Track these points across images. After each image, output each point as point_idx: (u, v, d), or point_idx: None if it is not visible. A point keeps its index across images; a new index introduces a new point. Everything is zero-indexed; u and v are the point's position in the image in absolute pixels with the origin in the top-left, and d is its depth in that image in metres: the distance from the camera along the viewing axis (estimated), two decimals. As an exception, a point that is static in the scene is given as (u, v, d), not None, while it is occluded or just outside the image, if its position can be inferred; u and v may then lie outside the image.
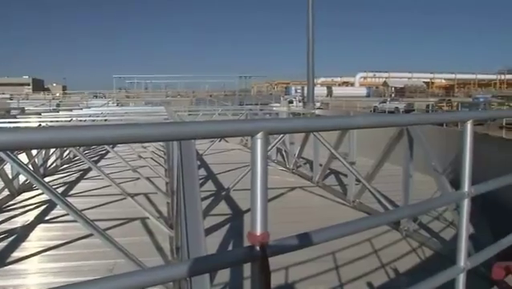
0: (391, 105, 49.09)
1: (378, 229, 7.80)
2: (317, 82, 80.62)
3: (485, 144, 14.25)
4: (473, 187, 2.61)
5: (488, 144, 13.93)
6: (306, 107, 18.89)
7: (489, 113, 13.02)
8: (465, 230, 2.61)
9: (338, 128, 1.76)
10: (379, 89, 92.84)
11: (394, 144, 9.11)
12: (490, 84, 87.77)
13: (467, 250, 2.61)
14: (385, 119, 2.37)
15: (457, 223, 2.64)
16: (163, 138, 1.39)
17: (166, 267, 1.49)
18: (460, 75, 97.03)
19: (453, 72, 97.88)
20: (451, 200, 2.69)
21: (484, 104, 40.64)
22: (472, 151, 2.64)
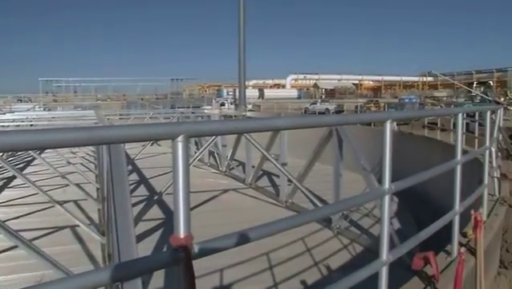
0: (321, 106, 50.10)
1: (310, 228, 7.97)
2: (248, 84, 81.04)
3: (410, 142, 14.95)
4: (393, 184, 2.71)
5: (413, 142, 14.59)
6: (238, 109, 18.96)
7: (407, 113, 13.58)
8: (386, 225, 2.71)
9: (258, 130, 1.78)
10: (310, 91, 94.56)
11: (324, 144, 9.32)
12: (414, 86, 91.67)
13: (389, 244, 2.72)
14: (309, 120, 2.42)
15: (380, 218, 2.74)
16: (79, 143, 1.34)
17: (88, 273, 1.45)
18: (386, 77, 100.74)
19: (381, 74, 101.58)
20: (373, 196, 2.79)
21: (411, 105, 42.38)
22: (391, 149, 2.74)
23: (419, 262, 3.45)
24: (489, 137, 5.86)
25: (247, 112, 17.78)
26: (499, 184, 6.76)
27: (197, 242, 1.60)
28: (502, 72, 74.05)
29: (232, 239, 1.76)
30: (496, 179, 6.61)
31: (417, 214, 9.34)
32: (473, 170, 5.96)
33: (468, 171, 5.70)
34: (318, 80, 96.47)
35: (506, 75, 72.37)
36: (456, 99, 46.49)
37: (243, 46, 18.63)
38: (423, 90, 78.87)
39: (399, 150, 11.78)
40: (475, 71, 77.65)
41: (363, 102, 51.17)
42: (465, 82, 56.54)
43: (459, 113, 3.96)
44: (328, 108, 47.86)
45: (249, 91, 53.93)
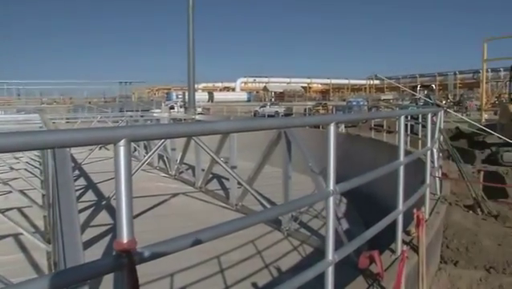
0: (271, 109, 50.41)
1: (261, 230, 8.01)
2: (198, 87, 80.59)
3: (358, 144, 15.29)
4: (337, 185, 2.77)
5: (361, 144, 14.94)
6: (188, 112, 18.81)
7: (350, 116, 13.87)
8: (331, 226, 2.76)
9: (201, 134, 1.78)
10: (260, 94, 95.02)
11: (273, 146, 9.39)
12: (361, 89, 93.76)
13: (334, 244, 2.77)
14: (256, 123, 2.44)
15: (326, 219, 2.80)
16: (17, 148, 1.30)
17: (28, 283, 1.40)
18: (335, 80, 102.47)
19: (329, 77, 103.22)
20: (318, 198, 2.84)
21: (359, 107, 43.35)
22: (335, 151, 2.79)
23: (365, 260, 3.54)
24: (431, 139, 6.08)
25: (197, 115, 17.67)
26: (440, 183, 7.01)
27: (141, 247, 1.58)
28: (444, 76, 76.84)
29: (177, 243, 1.74)
30: (437, 179, 6.86)
31: (365, 214, 9.55)
32: (418, 170, 6.16)
33: (413, 171, 5.90)
34: (268, 83, 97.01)
35: (447, 79, 75.13)
36: (401, 101, 47.88)
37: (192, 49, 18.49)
38: (370, 93, 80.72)
39: (347, 152, 12.08)
40: (419, 74, 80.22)
41: (311, 105, 51.88)
42: (409, 85, 58.29)
43: (401, 116, 4.09)
44: (278, 111, 48.23)
45: (198, 94, 53.63)
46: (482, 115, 28.41)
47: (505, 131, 13.18)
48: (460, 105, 49.34)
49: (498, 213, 7.92)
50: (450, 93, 68.54)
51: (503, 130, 13.32)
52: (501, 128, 13.58)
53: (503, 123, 13.91)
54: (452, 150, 8.79)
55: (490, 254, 5.85)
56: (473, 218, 7.32)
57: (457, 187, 9.22)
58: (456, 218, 6.61)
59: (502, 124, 13.93)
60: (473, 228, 6.54)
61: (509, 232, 6.92)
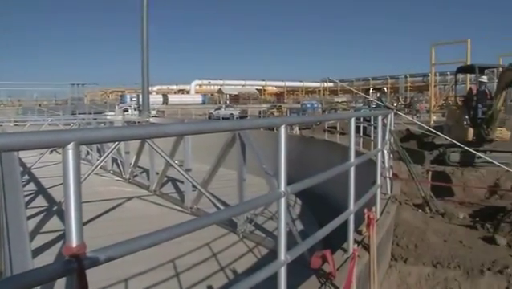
0: (226, 112, 50.50)
1: (217, 233, 8.01)
2: (152, 90, 79.67)
3: (312, 145, 15.51)
4: (289, 186, 2.81)
5: (315, 146, 15.15)
6: (142, 115, 18.61)
7: (300, 118, 14.11)
8: (283, 227, 2.80)
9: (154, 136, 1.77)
10: (215, 96, 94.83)
11: (228, 149, 9.42)
12: (315, 91, 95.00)
13: (286, 245, 2.81)
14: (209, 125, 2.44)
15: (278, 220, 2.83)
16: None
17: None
18: (289, 83, 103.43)
19: (284, 80, 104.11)
20: (270, 199, 2.87)
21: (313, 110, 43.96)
22: (286, 153, 2.83)
23: (317, 260, 3.59)
24: (381, 140, 6.24)
25: (151, 118, 17.50)
26: (391, 183, 7.21)
27: (90, 251, 1.56)
28: (395, 79, 78.82)
29: (128, 246, 1.73)
30: (388, 179, 7.05)
31: (320, 215, 9.69)
32: (371, 171, 6.30)
33: (365, 172, 6.04)
34: (223, 86, 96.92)
35: (398, 82, 77.10)
36: (355, 104, 48.88)
37: (146, 51, 18.32)
38: (324, 95, 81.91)
39: (302, 154, 12.21)
40: (372, 77, 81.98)
41: (266, 107, 52.24)
42: (362, 88, 59.46)
43: (352, 118, 4.18)
44: (232, 114, 48.31)
45: (153, 97, 53.10)
46: (431, 117, 29.33)
47: (451, 132, 13.65)
48: (410, 107, 50.77)
49: (445, 210, 8.22)
50: (401, 96, 70.39)
51: (450, 131, 13.79)
52: (448, 130, 14.06)
53: (450, 124, 14.40)
54: (402, 151, 9.04)
55: (437, 250, 6.07)
56: (422, 217, 7.55)
57: (407, 187, 9.49)
58: (405, 217, 6.81)
59: (449, 125, 14.42)
60: (421, 226, 6.75)
61: (455, 229, 7.20)
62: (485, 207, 9.13)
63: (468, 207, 9.27)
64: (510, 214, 7.37)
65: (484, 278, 5.50)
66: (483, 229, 7.34)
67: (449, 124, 14.50)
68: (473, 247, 6.42)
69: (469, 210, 8.90)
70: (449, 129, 14.01)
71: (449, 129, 14.05)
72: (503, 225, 7.13)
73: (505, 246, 6.46)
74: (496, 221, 7.43)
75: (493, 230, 7.13)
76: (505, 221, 7.25)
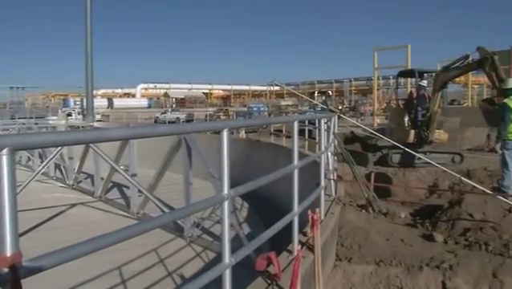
0: (172, 116, 50.00)
1: (163, 239, 7.92)
2: (97, 93, 77.96)
3: (259, 148, 15.61)
4: (232, 189, 2.83)
5: (262, 149, 15.25)
6: (86, 119, 18.15)
7: (242, 122, 14.17)
8: (227, 229, 2.82)
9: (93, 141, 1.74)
10: (161, 100, 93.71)
11: (174, 153, 9.34)
12: (262, 95, 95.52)
13: (231, 247, 2.83)
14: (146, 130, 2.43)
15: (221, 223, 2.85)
16: None
17: None
18: (236, 86, 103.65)
19: (230, 83, 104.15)
20: (213, 203, 2.88)
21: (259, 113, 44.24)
22: (229, 157, 2.86)
23: (262, 262, 3.63)
24: (325, 143, 6.38)
25: (95, 123, 17.09)
26: (336, 185, 7.36)
27: (27, 260, 1.53)
28: (340, 83, 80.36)
29: (67, 253, 1.69)
30: (332, 181, 7.20)
31: (268, 217, 9.77)
32: (316, 173, 6.41)
33: (311, 174, 6.16)
34: (169, 89, 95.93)
35: (343, 85, 78.68)
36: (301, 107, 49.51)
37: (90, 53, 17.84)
38: (270, 98, 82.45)
39: (248, 157, 12.25)
40: (317, 81, 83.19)
41: (213, 111, 52.15)
42: (308, 91, 60.25)
43: (295, 121, 4.26)
44: (179, 117, 47.89)
45: (97, 101, 51.92)
46: (375, 119, 30.17)
47: (394, 134, 14.07)
48: (355, 110, 51.98)
49: (387, 210, 8.49)
50: (346, 99, 71.93)
51: (392, 133, 14.22)
52: (391, 132, 14.49)
53: (392, 127, 14.84)
54: (345, 153, 9.26)
55: (380, 249, 6.26)
56: (366, 217, 7.77)
57: (351, 188, 9.74)
58: (350, 218, 6.99)
59: (391, 127, 14.86)
60: (365, 226, 6.94)
61: (397, 228, 7.45)
62: (424, 206, 9.49)
63: (409, 206, 9.61)
64: (447, 212, 7.69)
65: (423, 273, 5.73)
66: (422, 227, 7.64)
67: (391, 127, 14.94)
68: (413, 245, 6.67)
69: (410, 209, 9.23)
70: (392, 131, 14.44)
71: (391, 131, 14.47)
72: (440, 222, 7.45)
73: (442, 243, 6.75)
74: (434, 219, 7.74)
75: (432, 228, 7.43)
76: (442, 219, 7.56)
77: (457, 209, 7.64)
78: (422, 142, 13.73)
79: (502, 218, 7.26)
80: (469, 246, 6.57)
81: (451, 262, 5.87)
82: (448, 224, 7.38)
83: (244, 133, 19.21)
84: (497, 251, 6.27)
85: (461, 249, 6.52)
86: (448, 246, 6.69)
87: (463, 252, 6.36)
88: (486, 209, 7.52)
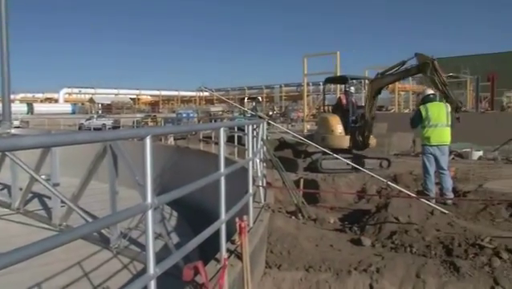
0: (98, 122, 48.78)
1: (88, 251, 7.73)
2: (15, 98, 74.63)
3: (187, 155, 15.53)
4: (157, 198, 2.82)
5: (191, 156, 15.19)
6: (2, 126, 17.29)
7: (166, 129, 14.07)
8: (151, 239, 2.80)
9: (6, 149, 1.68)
10: (86, 106, 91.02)
11: (99, 161, 9.13)
12: (191, 100, 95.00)
13: (155, 257, 2.81)
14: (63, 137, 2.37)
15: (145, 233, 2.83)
16: None
17: None
18: (164, 92, 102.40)
19: (159, 89, 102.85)
20: (137, 211, 2.86)
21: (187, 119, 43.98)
22: (153, 164, 2.84)
23: (189, 272, 3.63)
24: (253, 149, 6.46)
25: (12, 129, 16.33)
26: (265, 192, 7.47)
27: None
28: (270, 89, 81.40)
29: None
30: (261, 188, 7.30)
31: (198, 226, 9.73)
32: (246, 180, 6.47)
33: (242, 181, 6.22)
34: (94, 95, 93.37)
35: (273, 91, 79.76)
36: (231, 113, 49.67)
37: (7, 54, 17.06)
38: (200, 104, 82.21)
39: (177, 164, 12.16)
40: (247, 87, 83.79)
41: (140, 117, 51.34)
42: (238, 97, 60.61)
43: (221, 128, 4.30)
44: (105, 124, 46.70)
45: (15, 106, 49.72)
46: (304, 125, 30.82)
47: (327, 141, 14.43)
48: (285, 116, 52.85)
49: (317, 216, 8.69)
50: (276, 105, 72.96)
51: (325, 140, 14.57)
52: (322, 138, 14.84)
53: (321, 132, 15.20)
54: (274, 160, 9.39)
55: (309, 255, 6.39)
56: (295, 223, 7.91)
57: (281, 195, 9.88)
58: (279, 224, 7.08)
59: (321, 133, 15.22)
60: (294, 232, 7.07)
61: (326, 233, 7.64)
62: (353, 211, 9.79)
63: (338, 212, 9.87)
64: (374, 216, 7.99)
65: (351, 277, 5.91)
66: (351, 231, 7.89)
67: (321, 133, 15.29)
68: (342, 250, 6.86)
69: (339, 215, 9.49)
70: (323, 137, 14.79)
71: (322, 137, 14.82)
72: (368, 227, 7.72)
73: (370, 246, 7.00)
74: (362, 223, 8.01)
75: (360, 232, 7.69)
76: (369, 223, 7.84)
77: (384, 213, 7.92)
78: (358, 148, 14.24)
79: (426, 221, 7.62)
80: (395, 249, 6.84)
81: (378, 264, 6.09)
82: (375, 228, 7.64)
83: (173, 140, 19.07)
84: (421, 252, 6.58)
85: (387, 252, 6.77)
86: (375, 249, 6.92)
87: (389, 255, 6.61)
88: (411, 212, 7.86)
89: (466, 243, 6.55)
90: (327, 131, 14.63)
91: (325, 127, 15.07)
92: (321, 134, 15.21)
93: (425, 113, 9.66)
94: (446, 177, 9.69)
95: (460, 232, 7.00)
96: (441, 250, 6.56)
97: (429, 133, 9.62)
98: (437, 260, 6.27)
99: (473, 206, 8.80)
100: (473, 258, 6.12)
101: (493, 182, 11.53)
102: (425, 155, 9.75)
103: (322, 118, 16.39)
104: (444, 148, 9.78)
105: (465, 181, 12.07)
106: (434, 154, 9.60)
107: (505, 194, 9.76)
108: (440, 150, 9.64)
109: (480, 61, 53.41)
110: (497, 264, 5.87)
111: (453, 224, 7.49)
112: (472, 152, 16.35)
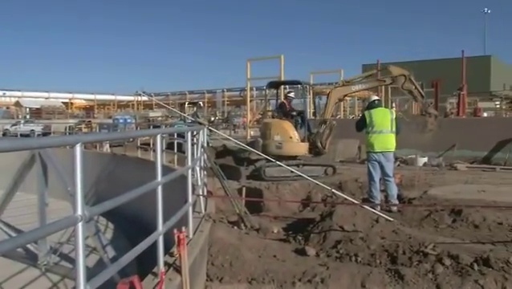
0: (26, 128, 47.21)
1: (13, 269, 7.47)
2: None
3: (124, 163, 15.27)
4: (88, 209, 2.77)
5: (128, 164, 14.94)
6: None
7: (97, 136, 13.79)
8: (81, 254, 2.74)
9: None
10: (11, 110, 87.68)
11: (26, 170, 8.83)
12: (129, 105, 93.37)
13: (86, 274, 2.75)
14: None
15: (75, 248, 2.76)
16: None
17: None
18: (100, 96, 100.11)
19: (93, 92, 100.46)
20: (66, 224, 2.78)
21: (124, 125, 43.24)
22: (83, 174, 2.79)
23: (123, 288, 3.57)
24: (192, 157, 6.44)
25: None
26: (205, 201, 7.45)
27: None
28: (212, 93, 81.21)
29: None
30: (202, 197, 7.28)
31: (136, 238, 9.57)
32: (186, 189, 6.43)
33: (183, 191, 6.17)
34: (21, 98, 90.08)
35: (216, 96, 79.63)
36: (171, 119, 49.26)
37: None
38: (138, 110, 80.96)
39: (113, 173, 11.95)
40: (188, 91, 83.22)
41: (74, 123, 50.10)
42: (179, 102, 60.13)
43: (158, 134, 4.27)
44: (34, 130, 45.18)
45: None
46: (248, 131, 30.92)
47: (266, 147, 14.56)
48: (228, 122, 52.90)
49: (260, 226, 8.74)
50: (218, 110, 72.90)
51: (264, 146, 14.69)
52: (262, 144, 14.96)
53: (264, 139, 15.32)
54: (215, 167, 9.38)
55: (252, 267, 6.41)
56: (237, 234, 7.93)
57: (223, 204, 9.88)
58: (220, 235, 7.07)
59: (263, 140, 15.34)
60: (236, 243, 7.08)
61: (269, 243, 7.69)
62: (297, 220, 9.91)
63: (282, 221, 9.97)
64: (319, 225, 8.11)
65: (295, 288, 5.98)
66: (295, 241, 7.98)
67: (263, 139, 15.41)
68: (286, 260, 6.92)
69: (283, 224, 9.58)
70: (264, 144, 14.91)
71: (263, 144, 14.94)
72: (313, 236, 7.83)
73: (314, 256, 7.11)
74: (306, 232, 8.12)
75: (304, 242, 7.79)
76: (314, 232, 7.96)
77: (329, 222, 8.06)
78: (316, 154, 14.62)
79: (371, 229, 7.81)
80: (340, 258, 6.97)
81: (323, 275, 6.19)
82: (320, 237, 7.76)
83: (108, 147, 18.73)
84: (366, 261, 6.74)
85: (332, 261, 6.89)
86: (320, 259, 7.03)
87: (334, 264, 6.73)
88: (356, 221, 8.04)
89: (410, 251, 6.77)
90: (284, 138, 14.75)
91: (265, 132, 15.23)
92: (262, 140, 15.35)
93: (369, 119, 9.97)
94: (391, 184, 10.01)
95: (404, 239, 7.22)
96: (386, 258, 6.75)
97: (373, 140, 9.93)
98: (382, 269, 6.45)
99: (418, 213, 9.10)
100: (417, 266, 6.34)
101: (437, 188, 12.00)
102: (370, 162, 10.05)
103: (263, 123, 16.52)
104: (389, 155, 10.11)
105: (410, 187, 12.51)
106: (379, 161, 9.90)
107: (448, 200, 10.19)
108: (385, 157, 9.95)
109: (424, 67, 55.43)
110: (439, 270, 6.10)
111: (397, 231, 7.72)
112: (417, 158, 16.94)
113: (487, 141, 19.22)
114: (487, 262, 6.15)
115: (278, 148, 14.55)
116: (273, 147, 14.63)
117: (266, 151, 13.95)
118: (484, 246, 7.16)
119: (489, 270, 6.00)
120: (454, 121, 22.02)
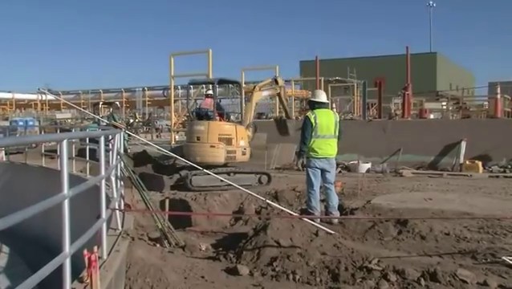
0: None
1: None
2: None
3: (24, 173, 14.77)
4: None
5: (29, 174, 14.46)
6: None
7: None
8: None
9: None
10: None
11: None
12: (31, 105, 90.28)
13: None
14: None
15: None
16: None
17: None
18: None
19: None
20: None
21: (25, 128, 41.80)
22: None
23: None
24: (106, 165, 6.27)
25: None
26: (123, 216, 7.27)
27: None
28: (131, 92, 79.95)
29: None
30: (118, 211, 7.10)
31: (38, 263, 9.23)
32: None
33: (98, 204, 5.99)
34: None
35: (135, 95, 78.44)
36: (87, 121, 48.08)
37: None
38: (43, 110, 78.52)
39: (10, 184, 11.58)
40: (103, 90, 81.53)
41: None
42: (92, 101, 58.85)
43: (63, 140, 4.10)
44: None
45: None
46: (172, 136, 30.60)
47: (192, 152, 14.48)
48: (149, 125, 52.20)
49: (186, 243, 8.64)
50: (138, 111, 71.81)
51: (190, 152, 14.61)
52: (188, 150, 14.87)
53: (189, 143, 15.24)
54: (133, 177, 9.19)
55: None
56: (160, 252, 7.81)
57: (143, 219, 9.71)
58: (140, 254, 6.92)
59: (188, 144, 15.25)
60: (158, 263, 6.96)
61: (197, 262, 7.62)
62: (228, 235, 9.87)
63: (211, 236, 9.91)
64: (252, 241, 8.10)
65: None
66: (226, 259, 7.93)
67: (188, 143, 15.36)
68: (215, 281, 6.88)
69: (213, 240, 9.51)
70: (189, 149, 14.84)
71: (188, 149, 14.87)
72: (245, 253, 7.80)
73: (248, 276, 7.09)
74: (239, 249, 8.09)
75: (236, 260, 7.76)
76: (247, 248, 7.94)
77: (263, 237, 8.06)
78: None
79: (309, 243, 7.90)
80: (277, 277, 6.99)
81: (257, 296, 6.20)
82: (253, 254, 7.74)
83: (4, 155, 18.05)
84: (305, 280, 6.80)
85: (267, 281, 6.90)
86: (254, 278, 7.02)
87: (270, 284, 6.75)
88: (294, 234, 8.10)
89: (353, 266, 6.89)
90: (193, 140, 14.80)
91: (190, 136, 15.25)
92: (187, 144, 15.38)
93: (314, 122, 9.88)
94: (332, 193, 10.12)
95: (347, 254, 7.35)
96: (327, 275, 6.84)
97: (317, 144, 9.92)
98: (323, 287, 6.54)
99: (361, 225, 9.28)
100: (361, 283, 6.46)
101: (381, 197, 12.31)
102: (311, 168, 10.03)
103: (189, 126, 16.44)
104: (333, 161, 10.24)
105: (353, 196, 12.77)
106: (322, 168, 9.96)
107: (393, 210, 10.46)
108: (329, 163, 10.04)
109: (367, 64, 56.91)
110: (385, 287, 6.25)
111: (339, 245, 7.85)
112: (359, 164, 17.31)
113: (434, 145, 19.91)
114: (434, 276, 6.38)
115: (244, 154, 14.82)
116: (185, 150, 14.79)
117: (218, 159, 14.31)
118: (431, 258, 7.41)
119: (437, 284, 6.22)
120: (399, 124, 22.67)
